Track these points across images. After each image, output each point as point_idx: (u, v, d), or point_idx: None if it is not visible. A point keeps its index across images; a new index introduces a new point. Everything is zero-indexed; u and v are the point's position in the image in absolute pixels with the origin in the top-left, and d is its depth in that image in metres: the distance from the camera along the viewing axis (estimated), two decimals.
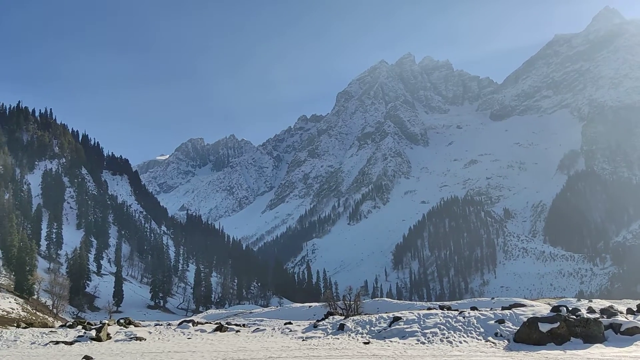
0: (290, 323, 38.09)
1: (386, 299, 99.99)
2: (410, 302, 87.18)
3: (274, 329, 35.24)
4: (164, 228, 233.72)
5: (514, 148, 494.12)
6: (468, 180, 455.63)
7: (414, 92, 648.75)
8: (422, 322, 31.23)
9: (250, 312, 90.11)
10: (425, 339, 28.60)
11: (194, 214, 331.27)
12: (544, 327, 26.93)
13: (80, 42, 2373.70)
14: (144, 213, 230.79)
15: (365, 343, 28.50)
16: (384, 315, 34.92)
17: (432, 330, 29.88)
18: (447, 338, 28.46)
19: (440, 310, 34.87)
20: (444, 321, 30.93)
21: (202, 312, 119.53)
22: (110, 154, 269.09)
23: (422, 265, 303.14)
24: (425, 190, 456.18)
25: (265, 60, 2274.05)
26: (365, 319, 34.10)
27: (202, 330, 34.40)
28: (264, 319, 61.47)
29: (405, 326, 30.95)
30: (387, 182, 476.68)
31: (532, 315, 29.23)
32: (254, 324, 45.60)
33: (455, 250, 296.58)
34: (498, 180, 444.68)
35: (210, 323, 41.44)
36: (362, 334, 31.32)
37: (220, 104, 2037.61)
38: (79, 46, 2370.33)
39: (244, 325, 41.00)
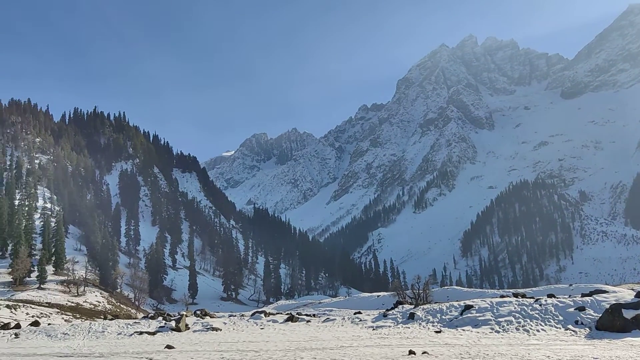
0: (359, 313, 38.28)
1: (456, 287, 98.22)
2: (481, 290, 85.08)
3: (344, 318, 35.55)
4: (232, 222, 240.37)
5: (589, 127, 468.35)
6: (538, 163, 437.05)
7: (477, 75, 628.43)
8: (495, 311, 30.46)
9: (320, 303, 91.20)
10: (499, 328, 27.90)
11: (261, 207, 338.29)
12: (628, 314, 25.58)
13: (149, 47, 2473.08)
14: (213, 208, 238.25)
15: (436, 332, 28.21)
16: (455, 303, 34.34)
17: (507, 318, 29.08)
18: (523, 327, 27.61)
19: (515, 298, 33.85)
20: (519, 309, 30.00)
21: (272, 303, 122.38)
22: (179, 152, 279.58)
23: (492, 252, 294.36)
24: (492, 175, 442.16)
25: (325, 54, 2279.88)
26: (435, 308, 33.70)
27: (274, 321, 35.25)
28: (333, 308, 62.11)
29: (477, 314, 30.32)
30: (452, 168, 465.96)
31: (614, 302, 27.82)
32: (324, 314, 46.22)
33: (527, 235, 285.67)
34: (571, 161, 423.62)
35: (281, 314, 42.40)
36: (433, 322, 30.99)
37: (282, 99, 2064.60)
38: (147, 51, 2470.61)
39: (314, 315, 41.63)
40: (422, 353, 19.25)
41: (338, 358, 17.86)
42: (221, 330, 31.56)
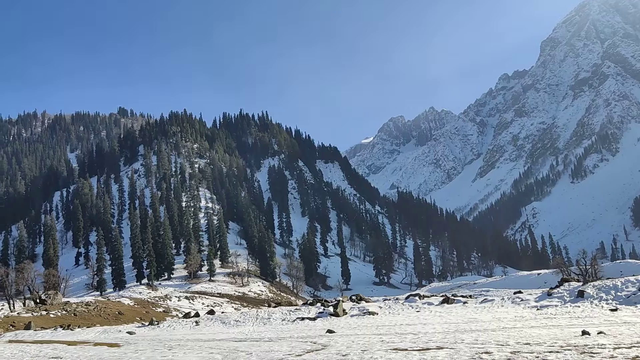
0: (520, 292, 36.32)
1: (630, 260, 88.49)
2: None
3: (502, 298, 34.00)
4: (378, 208, 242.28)
5: None
6: None
7: (636, 23, 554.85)
8: None
9: (474, 283, 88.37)
10: None
11: (404, 191, 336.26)
12: None
13: (278, 43, 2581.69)
14: (358, 195, 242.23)
15: (612, 310, 25.70)
16: (631, 278, 30.98)
17: None
18: None
19: None
20: None
21: (424, 285, 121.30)
22: (320, 144, 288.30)
23: None
24: None
25: (457, 26, 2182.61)
26: (608, 284, 30.72)
27: (429, 303, 34.90)
28: (490, 289, 59.70)
29: None
30: (614, 130, 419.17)
31: None
32: (480, 294, 44.63)
33: None
34: None
35: (435, 296, 41.84)
36: (606, 300, 28.31)
37: (416, 79, 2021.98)
38: (278, 48, 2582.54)
39: (470, 296, 40.42)
40: (598, 333, 17.63)
41: (501, 340, 17.12)
42: (377, 314, 32.07)
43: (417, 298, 38.02)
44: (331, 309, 33.42)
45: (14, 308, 59.32)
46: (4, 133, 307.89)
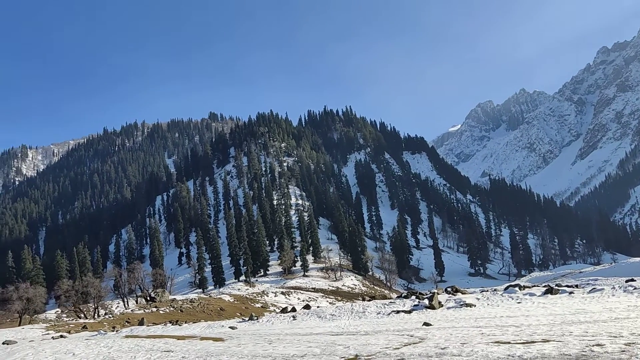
0: (632, 280, 33.68)
1: None
2: None
3: (613, 287, 31.69)
4: (469, 197, 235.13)
5: None
6: None
7: None
8: None
9: (580, 272, 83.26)
10: None
11: (497, 177, 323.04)
12: None
13: (361, 38, 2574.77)
14: (448, 185, 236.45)
15: None
16: None
17: None
18: None
19: None
20: None
21: (524, 275, 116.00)
22: (406, 135, 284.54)
23: None
24: None
25: (549, 1, 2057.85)
26: None
27: (531, 294, 33.30)
28: (598, 277, 55.92)
29: None
30: None
31: None
32: (588, 284, 41.92)
33: None
34: None
35: (537, 286, 39.85)
36: None
37: (504, 60, 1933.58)
38: (360, 43, 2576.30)
39: (576, 286, 38.07)
40: None
41: (614, 331, 15.95)
42: (475, 306, 31.12)
43: (517, 289, 36.41)
44: (426, 301, 32.89)
45: (127, 305, 64.12)
46: (110, 144, 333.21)
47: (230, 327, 30.93)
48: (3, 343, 28.03)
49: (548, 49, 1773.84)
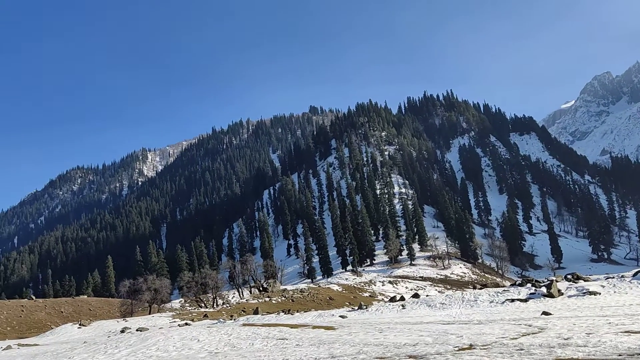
0: None
1: None
2: None
3: None
4: (587, 177, 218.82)
5: None
6: None
7: None
8: None
9: None
10: None
11: (619, 155, 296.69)
12: None
13: (463, 21, 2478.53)
14: (562, 166, 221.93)
15: None
16: None
17: None
18: None
19: None
20: None
21: None
22: (513, 116, 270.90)
23: None
24: None
25: None
26: None
27: None
28: None
29: None
30: None
31: None
32: None
33: None
34: None
35: None
36: None
37: (622, 28, 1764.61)
38: (462, 26, 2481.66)
39: None
40: None
41: None
42: (600, 294, 28.92)
43: None
44: (544, 289, 31.12)
45: (242, 295, 67.51)
46: (219, 142, 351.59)
47: (340, 316, 31.46)
48: (137, 330, 31.03)
49: None
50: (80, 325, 43.16)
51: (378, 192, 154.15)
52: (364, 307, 36.03)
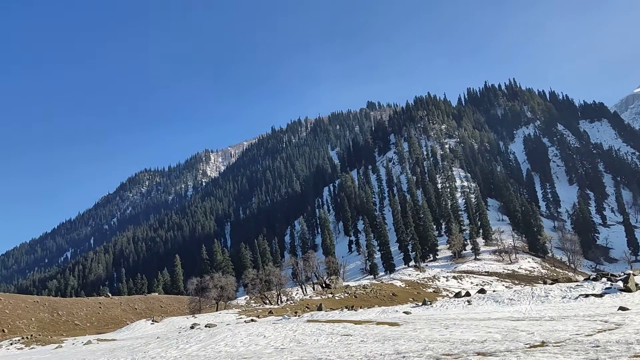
0: None
1: None
2: None
3: None
4: None
5: None
6: None
7: None
8: None
9: None
10: None
11: None
12: None
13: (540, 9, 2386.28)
14: (637, 154, 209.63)
15: None
16: None
17: None
18: None
19: None
20: None
21: None
22: (582, 103, 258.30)
23: None
24: None
25: None
26: None
27: None
28: None
29: None
30: None
31: None
32: None
33: None
34: None
35: None
36: None
37: None
38: (537, 14, 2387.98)
39: None
40: None
41: None
42: None
43: None
44: (620, 283, 29.51)
45: (305, 292, 68.21)
46: (278, 141, 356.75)
47: (404, 312, 31.15)
48: (206, 326, 32.09)
49: None
50: (153, 321, 45.12)
51: (439, 186, 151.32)
52: (428, 303, 35.52)
